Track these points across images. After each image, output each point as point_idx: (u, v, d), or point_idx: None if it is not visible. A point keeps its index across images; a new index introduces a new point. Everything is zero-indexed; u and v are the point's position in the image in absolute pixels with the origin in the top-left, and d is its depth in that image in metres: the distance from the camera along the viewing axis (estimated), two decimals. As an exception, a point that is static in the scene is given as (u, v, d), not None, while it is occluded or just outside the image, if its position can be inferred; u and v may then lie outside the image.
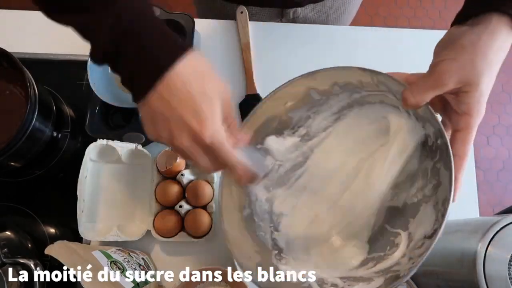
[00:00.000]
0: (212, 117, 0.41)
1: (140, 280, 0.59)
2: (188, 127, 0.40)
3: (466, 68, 0.40)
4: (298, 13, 0.82)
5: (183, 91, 0.40)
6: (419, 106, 0.42)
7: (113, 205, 0.69)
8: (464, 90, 0.40)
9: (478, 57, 0.40)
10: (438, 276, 0.59)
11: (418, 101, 0.41)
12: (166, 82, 0.39)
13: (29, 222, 0.70)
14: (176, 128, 0.40)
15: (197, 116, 0.40)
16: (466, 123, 0.41)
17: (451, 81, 0.40)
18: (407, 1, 1.86)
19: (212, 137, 0.41)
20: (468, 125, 0.41)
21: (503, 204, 1.58)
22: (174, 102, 0.40)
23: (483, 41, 0.40)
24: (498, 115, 1.71)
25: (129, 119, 0.72)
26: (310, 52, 0.79)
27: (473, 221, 0.60)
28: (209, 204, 0.67)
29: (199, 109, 0.40)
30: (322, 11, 0.84)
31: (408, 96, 0.41)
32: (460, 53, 0.40)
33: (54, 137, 0.73)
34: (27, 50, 0.77)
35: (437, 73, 0.41)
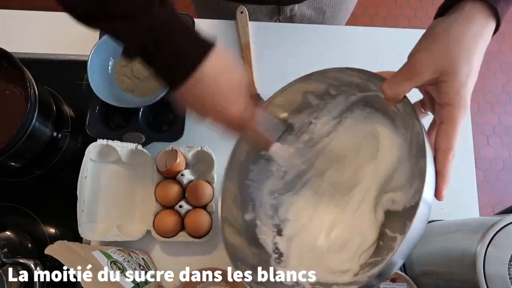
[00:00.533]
0: (243, 101, 0.48)
1: (140, 280, 0.59)
2: (220, 113, 0.47)
3: (440, 57, 0.39)
4: (295, 10, 0.82)
5: (213, 85, 0.46)
6: (398, 98, 0.42)
7: (113, 205, 0.69)
8: (441, 80, 0.40)
9: (451, 45, 0.39)
10: (438, 276, 0.59)
11: (394, 93, 0.42)
12: (198, 77, 0.45)
13: (29, 222, 0.70)
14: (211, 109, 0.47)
15: (229, 102, 0.47)
16: (448, 114, 0.40)
17: (425, 71, 0.40)
18: (407, 1, 1.85)
19: (239, 119, 0.48)
20: (450, 116, 0.40)
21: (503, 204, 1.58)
22: (207, 95, 0.46)
23: (455, 28, 0.39)
24: (498, 115, 1.71)
25: (129, 119, 0.72)
26: (310, 52, 0.79)
27: (473, 221, 0.60)
28: (209, 204, 0.67)
29: (232, 96, 0.47)
30: (319, 8, 0.84)
31: (386, 88, 0.42)
32: (433, 42, 0.40)
33: (54, 137, 0.73)
34: (27, 50, 0.77)
35: (411, 64, 0.41)
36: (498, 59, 1.77)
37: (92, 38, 0.75)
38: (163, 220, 0.66)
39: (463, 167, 0.74)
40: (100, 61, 0.72)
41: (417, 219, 0.37)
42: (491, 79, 1.75)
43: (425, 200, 0.38)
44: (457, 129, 0.40)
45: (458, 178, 0.72)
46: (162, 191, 0.67)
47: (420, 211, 0.37)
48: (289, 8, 0.81)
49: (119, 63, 0.74)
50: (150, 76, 0.74)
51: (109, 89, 0.72)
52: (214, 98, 0.46)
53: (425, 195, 0.37)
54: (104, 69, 0.73)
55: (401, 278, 0.63)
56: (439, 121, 0.41)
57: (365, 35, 0.82)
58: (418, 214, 0.37)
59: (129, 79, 0.74)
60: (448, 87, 0.39)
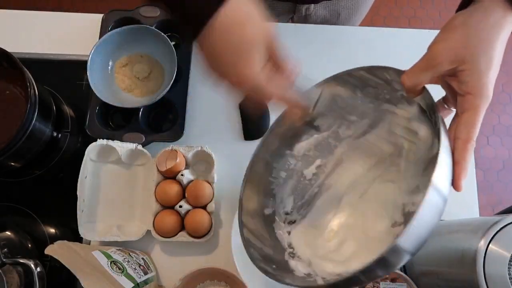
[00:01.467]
0: (250, 65, 0.43)
1: (140, 280, 0.59)
2: (231, 75, 0.43)
3: (458, 46, 0.39)
4: (311, 10, 0.82)
5: (223, 40, 0.42)
6: (417, 90, 0.42)
7: (113, 205, 0.69)
8: (460, 69, 0.39)
9: (470, 34, 0.39)
10: (438, 276, 0.59)
11: (413, 83, 0.41)
12: (210, 30, 0.41)
13: (29, 222, 0.70)
14: (222, 73, 0.44)
15: (235, 67, 0.43)
16: (469, 104, 0.39)
17: (444, 61, 0.40)
18: (407, 1, 1.85)
19: (251, 84, 0.43)
20: (472, 105, 0.39)
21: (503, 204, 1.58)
22: (216, 50, 0.42)
23: (474, 19, 0.39)
24: (498, 115, 1.71)
25: (129, 119, 0.72)
26: (311, 52, 0.79)
27: (473, 221, 0.60)
28: (209, 204, 0.67)
29: (237, 59, 0.42)
30: (334, 10, 0.84)
31: (405, 79, 0.42)
32: (452, 33, 0.40)
33: (54, 137, 0.73)
34: (27, 50, 0.77)
35: (430, 54, 0.41)
36: (498, 59, 1.77)
37: (92, 38, 0.76)
38: (163, 220, 0.66)
39: (463, 167, 0.74)
40: (100, 61, 0.72)
41: (424, 206, 0.35)
42: (491, 79, 1.75)
43: (436, 187, 0.36)
44: (478, 118, 0.39)
45: (458, 178, 0.73)
46: (162, 191, 0.67)
47: (429, 197, 0.35)
48: (304, 7, 0.81)
49: (119, 63, 0.74)
50: (150, 76, 0.75)
51: (109, 89, 0.72)
52: (223, 56, 0.42)
53: (435, 181, 0.35)
54: (104, 69, 0.73)
55: (401, 278, 0.63)
56: (460, 111, 0.40)
57: (365, 35, 0.82)
58: (426, 201, 0.35)
59: (129, 79, 0.74)
60: (467, 76, 0.39)
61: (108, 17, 0.76)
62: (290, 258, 0.51)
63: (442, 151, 0.37)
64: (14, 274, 0.61)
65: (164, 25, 0.76)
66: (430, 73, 0.41)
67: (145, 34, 0.73)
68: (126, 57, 0.75)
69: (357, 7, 0.86)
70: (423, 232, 0.37)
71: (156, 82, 0.74)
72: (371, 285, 0.63)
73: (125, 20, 0.76)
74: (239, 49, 0.42)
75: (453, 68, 0.40)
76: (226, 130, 0.74)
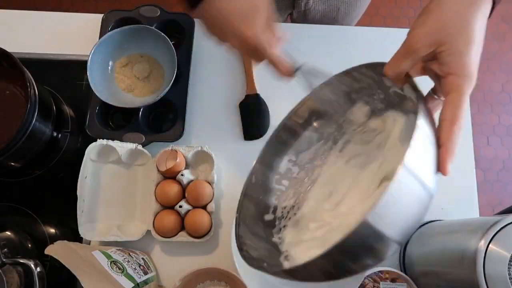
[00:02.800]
0: (257, 24, 0.48)
1: (140, 280, 0.59)
2: (238, 32, 0.47)
3: (435, 29, 0.39)
4: (310, 4, 0.82)
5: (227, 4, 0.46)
6: (400, 77, 0.42)
7: (113, 205, 0.69)
8: (439, 51, 0.39)
9: (445, 16, 0.39)
10: (438, 276, 0.59)
11: (395, 72, 0.42)
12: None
13: (29, 222, 0.70)
14: (227, 33, 0.48)
15: (244, 24, 0.47)
16: (452, 84, 0.39)
17: (421, 45, 0.40)
18: (407, 1, 1.85)
19: (257, 40, 0.48)
20: (455, 86, 0.38)
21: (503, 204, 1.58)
22: (222, 15, 0.47)
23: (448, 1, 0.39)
24: (498, 115, 1.71)
25: (129, 119, 0.72)
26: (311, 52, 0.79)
27: (473, 221, 0.60)
28: (209, 204, 0.67)
29: (246, 18, 0.47)
30: (334, 5, 0.84)
31: (387, 69, 0.43)
32: (427, 17, 0.40)
33: (54, 137, 0.73)
34: (27, 50, 0.77)
35: (407, 41, 0.41)
36: (498, 59, 1.77)
37: (92, 38, 0.76)
38: (163, 220, 0.66)
39: (463, 167, 0.74)
40: (100, 61, 0.72)
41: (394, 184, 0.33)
42: (491, 79, 1.75)
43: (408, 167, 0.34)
44: (463, 99, 0.38)
45: (458, 178, 0.73)
46: (162, 191, 0.67)
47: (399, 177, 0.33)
48: (304, 2, 0.82)
49: (119, 63, 0.74)
50: (150, 76, 0.75)
51: (109, 89, 0.72)
52: (228, 18, 0.47)
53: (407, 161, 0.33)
54: (104, 69, 0.73)
55: (401, 278, 0.63)
56: (445, 94, 0.40)
57: (364, 35, 0.82)
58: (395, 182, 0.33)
59: (129, 79, 0.74)
60: (447, 56, 0.39)
61: (108, 17, 0.76)
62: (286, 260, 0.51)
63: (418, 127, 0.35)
64: (14, 274, 0.61)
65: (164, 25, 0.76)
66: (410, 60, 0.41)
67: (145, 34, 0.73)
68: (126, 57, 0.75)
69: (356, 2, 0.86)
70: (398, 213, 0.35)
71: (156, 82, 0.74)
72: (372, 285, 0.63)
73: (125, 20, 0.76)
74: (246, 12, 0.47)
75: (432, 52, 0.40)
76: (226, 130, 0.74)
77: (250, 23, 0.48)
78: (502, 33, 1.79)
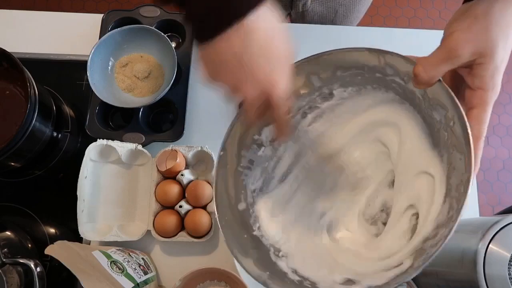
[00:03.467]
0: (285, 78, 0.41)
1: (140, 280, 0.59)
2: (260, 84, 0.39)
3: (480, 38, 0.37)
4: (308, 6, 0.82)
5: (259, 46, 0.38)
6: (432, 82, 0.39)
7: (113, 205, 0.69)
8: (478, 63, 0.38)
9: (492, 26, 0.37)
10: (438, 276, 0.59)
11: (430, 76, 0.39)
12: (242, 31, 0.37)
13: (29, 222, 0.70)
14: (244, 81, 0.39)
15: (272, 76, 0.39)
16: (481, 99, 0.38)
17: (465, 52, 0.37)
18: (407, 1, 1.85)
19: (280, 99, 0.41)
20: (483, 101, 0.38)
21: (503, 204, 1.58)
22: (246, 55, 0.38)
23: (496, 9, 0.37)
24: (498, 115, 1.71)
25: (129, 119, 0.72)
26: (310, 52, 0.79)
27: (473, 221, 0.60)
28: (209, 204, 0.67)
29: (275, 70, 0.40)
30: (332, 7, 0.84)
31: (420, 71, 0.39)
32: (473, 23, 0.38)
33: (54, 137, 0.73)
34: (27, 50, 0.77)
35: (450, 45, 0.38)
36: (498, 59, 1.77)
37: (92, 38, 0.76)
38: (163, 220, 0.66)
39: (463, 167, 0.74)
40: (100, 61, 0.72)
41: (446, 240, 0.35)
42: (491, 79, 1.75)
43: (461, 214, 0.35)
44: (488, 115, 0.38)
45: (458, 178, 0.73)
46: (162, 191, 0.67)
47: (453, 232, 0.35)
48: (301, 3, 0.81)
49: (119, 63, 0.74)
50: (150, 76, 0.75)
51: (109, 89, 0.72)
52: (259, 61, 0.38)
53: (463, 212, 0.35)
54: (104, 69, 0.73)
55: (401, 278, 0.63)
56: (469, 106, 0.39)
57: (364, 35, 0.82)
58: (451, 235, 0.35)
59: (129, 79, 0.74)
60: (484, 70, 0.38)
61: (108, 17, 0.76)
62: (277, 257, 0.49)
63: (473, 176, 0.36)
64: (14, 274, 0.61)
65: (164, 25, 0.76)
66: (449, 65, 0.38)
67: (145, 34, 0.73)
68: (126, 57, 0.75)
69: (354, 5, 0.86)
70: None
71: (156, 82, 0.74)
72: (371, 285, 0.63)
73: (125, 20, 0.76)
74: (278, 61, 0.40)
75: (471, 61, 0.38)
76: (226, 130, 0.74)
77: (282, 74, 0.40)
78: (502, 33, 1.79)
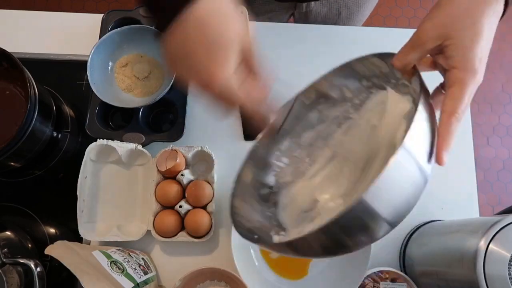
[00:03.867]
0: (224, 65, 0.40)
1: (140, 280, 0.59)
2: (200, 74, 0.41)
3: (443, 23, 0.40)
4: (311, 6, 0.83)
5: (199, 35, 0.39)
6: (407, 69, 0.43)
7: (113, 205, 0.69)
8: (445, 45, 0.40)
9: (454, 10, 0.40)
10: (438, 276, 0.59)
11: (402, 64, 0.43)
12: (183, 23, 0.39)
13: (29, 222, 0.70)
14: (190, 72, 0.41)
15: (208, 65, 0.40)
16: (454, 78, 0.40)
17: (429, 38, 0.41)
18: (407, 1, 1.86)
19: (221, 87, 0.41)
20: (457, 79, 0.39)
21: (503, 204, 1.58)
22: (188, 45, 0.40)
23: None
24: (498, 115, 1.71)
25: (129, 119, 0.72)
26: (310, 51, 0.79)
27: (473, 221, 0.60)
28: (209, 204, 0.67)
29: (212, 57, 0.40)
30: (335, 8, 0.84)
31: (395, 60, 0.43)
32: (437, 11, 0.41)
33: (54, 137, 0.73)
34: (27, 50, 0.77)
35: (416, 34, 0.42)
36: (498, 59, 1.77)
37: (92, 38, 0.76)
38: (163, 220, 0.66)
39: (463, 167, 0.74)
40: (100, 61, 0.72)
41: (391, 165, 0.34)
42: (491, 79, 1.75)
43: (406, 148, 0.35)
44: (464, 92, 0.39)
45: (458, 178, 0.73)
46: (162, 191, 0.67)
47: (398, 158, 0.34)
48: (305, 4, 0.82)
49: (119, 63, 0.74)
50: (150, 76, 0.75)
51: (109, 89, 0.72)
52: (198, 52, 0.39)
53: (406, 141, 0.35)
54: (104, 69, 0.73)
55: (401, 278, 0.63)
56: (448, 87, 0.41)
57: (365, 35, 0.82)
58: (394, 161, 0.34)
59: (129, 79, 0.74)
60: (452, 50, 0.40)
61: (108, 17, 0.76)
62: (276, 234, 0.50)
63: (418, 114, 0.37)
64: (14, 274, 0.61)
65: (164, 25, 0.76)
66: (418, 52, 0.42)
67: (145, 34, 0.73)
68: (126, 57, 0.75)
69: (358, 7, 0.86)
70: (393, 193, 0.36)
71: (156, 82, 0.74)
72: (372, 285, 0.63)
73: (125, 20, 0.76)
74: (214, 48, 0.40)
75: (439, 45, 0.40)
76: (226, 130, 0.74)
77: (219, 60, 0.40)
78: (502, 33, 1.79)
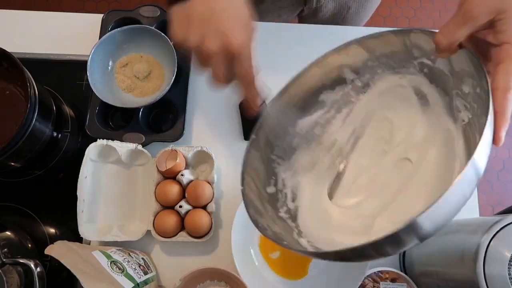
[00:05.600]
0: (250, 32, 0.44)
1: (140, 280, 0.59)
2: (224, 34, 0.43)
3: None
4: (322, 1, 0.83)
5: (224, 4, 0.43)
6: (453, 48, 0.40)
7: (113, 205, 0.69)
8: (497, 19, 0.38)
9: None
10: (438, 276, 0.59)
11: (450, 41, 0.39)
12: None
13: (29, 222, 0.70)
14: (210, 33, 0.43)
15: (237, 26, 0.43)
16: (507, 52, 0.38)
17: (481, 12, 0.38)
18: (407, 1, 1.85)
19: (242, 49, 0.43)
20: (509, 54, 0.37)
21: (503, 204, 1.58)
22: (217, 7, 0.43)
23: None
24: (498, 115, 1.71)
25: (129, 119, 0.72)
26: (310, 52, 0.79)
27: (473, 221, 0.60)
28: (209, 204, 0.67)
29: (241, 21, 0.44)
30: (344, 3, 0.85)
31: (439, 38, 0.40)
32: None
33: (54, 137, 0.73)
34: (27, 50, 0.77)
35: (465, 9, 0.39)
36: (498, 59, 1.77)
37: (92, 38, 0.76)
38: (163, 220, 0.66)
39: (463, 167, 0.74)
40: (100, 61, 0.72)
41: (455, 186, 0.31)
42: (491, 79, 1.75)
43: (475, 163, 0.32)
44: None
45: (458, 178, 0.73)
46: (162, 191, 0.67)
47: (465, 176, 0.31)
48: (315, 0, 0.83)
49: (119, 63, 0.74)
50: (150, 76, 0.75)
51: (109, 89, 0.72)
52: (220, 16, 0.43)
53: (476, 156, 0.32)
54: (104, 69, 0.73)
55: (401, 278, 0.63)
56: (497, 62, 0.38)
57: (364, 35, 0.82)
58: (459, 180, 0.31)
59: (129, 79, 0.74)
60: (505, 25, 0.38)
61: (108, 17, 0.76)
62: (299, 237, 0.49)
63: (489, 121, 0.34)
64: (14, 274, 0.61)
65: (164, 25, 0.76)
66: (468, 28, 0.39)
67: (145, 34, 0.73)
68: (126, 57, 0.75)
69: (366, 2, 0.87)
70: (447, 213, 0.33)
71: (156, 82, 0.74)
72: (372, 285, 0.63)
73: (125, 20, 0.76)
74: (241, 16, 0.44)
75: (490, 20, 0.38)
76: (226, 130, 0.74)
77: (242, 28, 0.44)
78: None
